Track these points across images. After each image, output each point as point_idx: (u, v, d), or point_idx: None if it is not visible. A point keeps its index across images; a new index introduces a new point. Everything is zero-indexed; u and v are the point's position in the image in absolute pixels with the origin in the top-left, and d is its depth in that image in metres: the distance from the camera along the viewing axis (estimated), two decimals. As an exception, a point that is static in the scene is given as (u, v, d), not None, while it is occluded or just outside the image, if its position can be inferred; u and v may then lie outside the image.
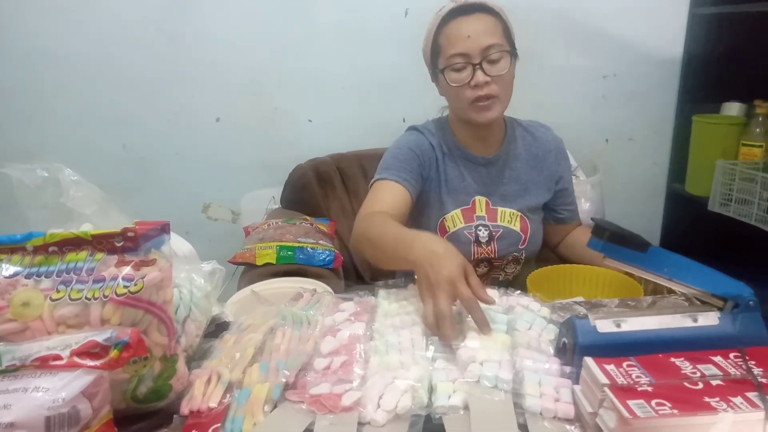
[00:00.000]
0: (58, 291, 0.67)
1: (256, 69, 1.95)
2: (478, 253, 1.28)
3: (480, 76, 1.14)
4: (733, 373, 0.66)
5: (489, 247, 1.28)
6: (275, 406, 0.71)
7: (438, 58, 1.20)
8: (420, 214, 1.30)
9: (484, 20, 1.16)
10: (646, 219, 2.26)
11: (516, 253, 1.31)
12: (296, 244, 1.50)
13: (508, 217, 1.29)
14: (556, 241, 1.43)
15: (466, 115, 1.21)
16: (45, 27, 1.85)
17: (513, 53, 1.19)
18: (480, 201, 1.29)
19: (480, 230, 1.27)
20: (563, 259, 1.39)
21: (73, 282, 0.67)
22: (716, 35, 1.97)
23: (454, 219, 1.28)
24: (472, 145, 1.29)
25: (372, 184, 1.24)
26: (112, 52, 1.89)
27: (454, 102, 1.23)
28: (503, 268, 1.33)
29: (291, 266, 1.44)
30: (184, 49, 1.91)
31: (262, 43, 1.93)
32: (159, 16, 1.87)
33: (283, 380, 0.73)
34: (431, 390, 0.72)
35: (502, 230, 1.28)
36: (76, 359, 0.61)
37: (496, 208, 1.29)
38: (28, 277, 0.68)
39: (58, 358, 0.61)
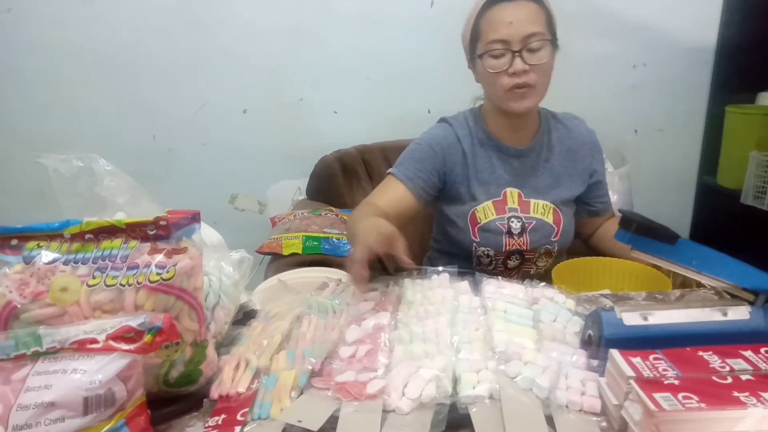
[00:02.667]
0: (94, 277, 0.69)
1: (281, 60, 1.97)
2: (509, 245, 1.26)
3: (519, 64, 1.12)
4: (764, 368, 0.65)
5: (521, 239, 1.25)
6: (301, 393, 0.72)
7: (477, 44, 1.18)
8: (450, 205, 1.30)
9: (528, 7, 1.14)
10: (676, 212, 2.22)
11: (548, 246, 1.28)
12: (322, 235, 1.52)
13: (542, 209, 1.27)
14: (588, 233, 1.40)
15: (501, 103, 1.19)
16: (70, 17, 1.89)
17: (554, 43, 1.17)
18: (512, 193, 1.27)
19: (512, 221, 1.25)
20: (595, 251, 1.38)
21: (108, 269, 0.69)
22: (752, 22, 1.91)
23: (486, 210, 1.26)
24: (505, 136, 1.27)
25: (387, 174, 1.27)
26: (139, 44, 1.93)
27: (491, 89, 1.21)
28: (535, 262, 1.30)
29: (317, 256, 1.46)
30: (210, 40, 1.93)
31: (288, 34, 1.94)
32: (181, 6, 1.90)
33: (309, 367, 0.75)
34: (455, 380, 0.73)
35: (534, 222, 1.26)
36: (112, 343, 0.63)
37: (528, 200, 1.27)
38: (66, 263, 0.70)
39: (94, 341, 0.63)
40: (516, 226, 1.25)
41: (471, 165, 1.26)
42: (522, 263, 1.30)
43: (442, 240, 1.38)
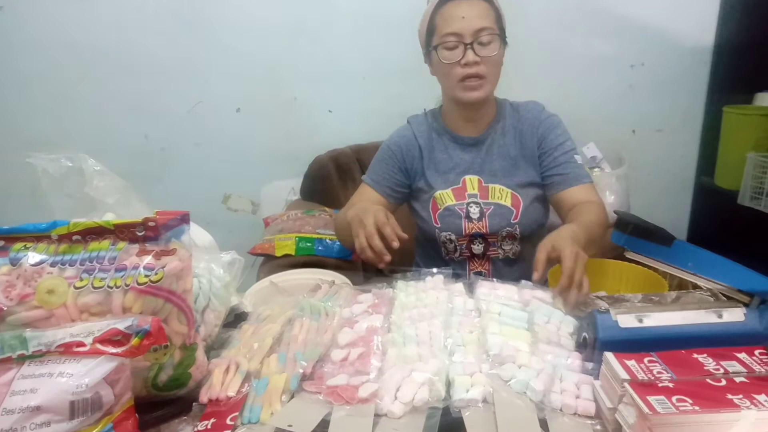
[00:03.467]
0: (81, 279, 0.68)
1: (276, 59, 1.96)
2: (469, 228, 1.31)
3: (470, 56, 1.21)
4: (758, 370, 0.65)
5: (480, 223, 1.31)
6: (292, 396, 0.71)
7: (432, 37, 1.27)
8: (416, 200, 1.39)
9: (478, 5, 1.23)
10: (674, 213, 2.21)
11: (509, 228, 1.32)
12: (315, 236, 1.51)
13: (499, 194, 1.32)
14: (565, 214, 1.33)
15: (454, 94, 1.26)
16: (65, 16, 1.87)
17: (503, 39, 1.25)
18: (471, 180, 1.33)
19: (471, 207, 1.31)
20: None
21: (96, 270, 0.69)
22: (750, 23, 1.91)
23: (444, 197, 1.33)
24: (461, 128, 1.35)
25: (361, 180, 1.41)
26: (132, 41, 1.91)
27: (445, 80, 1.29)
28: (500, 246, 1.34)
29: (310, 257, 1.45)
30: (203, 37, 1.92)
31: (283, 32, 1.93)
32: (176, 3, 1.88)
33: (301, 371, 0.74)
34: (449, 383, 0.72)
35: (493, 207, 1.32)
36: (99, 346, 0.62)
37: (488, 185, 1.33)
38: (53, 265, 0.69)
39: (81, 344, 0.63)
40: (474, 210, 1.31)
41: (427, 158, 1.35)
42: (487, 248, 1.34)
43: (419, 237, 1.46)
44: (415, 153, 1.36)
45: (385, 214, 1.10)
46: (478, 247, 1.33)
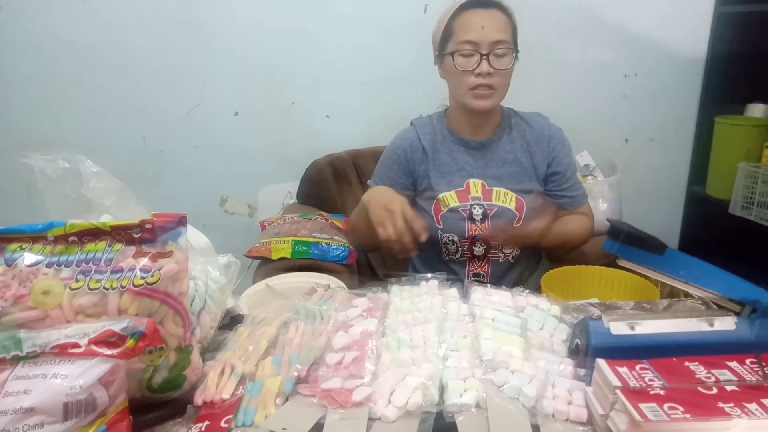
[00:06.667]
0: (77, 280, 0.68)
1: (274, 63, 1.96)
2: (471, 230, 1.33)
3: (485, 66, 1.22)
4: (749, 379, 0.65)
5: (483, 225, 1.33)
6: (287, 399, 0.72)
7: (448, 42, 1.27)
8: (419, 200, 1.39)
9: (498, 17, 1.24)
10: (665, 221, 2.23)
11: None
12: (311, 240, 1.51)
13: (503, 197, 1.34)
14: None
15: (464, 101, 1.28)
16: (63, 16, 1.87)
17: (516, 53, 1.27)
18: (475, 183, 1.35)
19: (474, 208, 1.33)
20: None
21: (92, 272, 0.69)
22: (742, 34, 1.93)
23: (447, 199, 1.34)
24: (466, 132, 1.36)
25: (367, 184, 1.41)
26: (131, 43, 1.91)
27: (455, 86, 1.30)
28: (501, 249, 1.36)
29: (306, 261, 1.45)
30: (202, 41, 1.92)
31: (282, 37, 1.94)
32: (175, 5, 1.89)
33: (295, 374, 0.74)
34: (442, 388, 0.72)
35: (496, 208, 1.33)
36: (94, 348, 0.62)
37: (491, 189, 1.35)
38: (48, 266, 0.69)
39: (76, 346, 0.62)
40: (478, 212, 1.33)
41: (432, 159, 1.36)
42: (488, 250, 1.35)
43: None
44: (418, 156, 1.37)
45: (410, 208, 1.14)
46: (479, 249, 1.35)
